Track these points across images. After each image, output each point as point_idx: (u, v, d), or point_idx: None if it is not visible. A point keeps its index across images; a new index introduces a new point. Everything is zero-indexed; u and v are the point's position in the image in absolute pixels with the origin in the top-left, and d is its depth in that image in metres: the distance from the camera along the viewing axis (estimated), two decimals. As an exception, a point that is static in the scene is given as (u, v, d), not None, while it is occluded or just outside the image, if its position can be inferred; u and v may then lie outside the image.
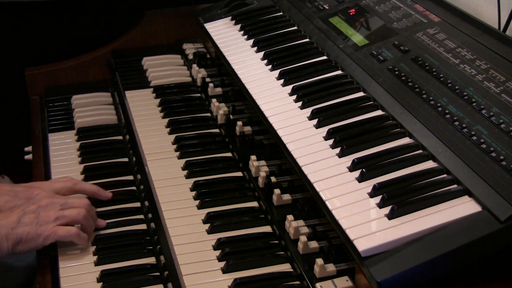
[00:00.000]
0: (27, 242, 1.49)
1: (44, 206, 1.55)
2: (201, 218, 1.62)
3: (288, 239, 1.49)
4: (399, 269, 1.17)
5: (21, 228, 1.49)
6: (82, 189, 1.74)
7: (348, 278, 1.36)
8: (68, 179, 1.74)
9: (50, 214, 1.54)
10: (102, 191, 1.76)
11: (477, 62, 1.54)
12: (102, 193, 1.76)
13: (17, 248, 1.49)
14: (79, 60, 2.38)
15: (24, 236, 1.49)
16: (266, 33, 2.00)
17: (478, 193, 1.25)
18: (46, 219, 1.53)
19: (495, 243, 1.20)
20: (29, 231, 1.49)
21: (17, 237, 1.48)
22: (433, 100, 1.48)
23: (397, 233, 1.22)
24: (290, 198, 1.60)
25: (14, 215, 1.51)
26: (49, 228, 1.51)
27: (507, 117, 1.36)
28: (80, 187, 1.74)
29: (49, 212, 1.54)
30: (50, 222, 1.52)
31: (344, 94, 1.64)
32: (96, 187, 1.76)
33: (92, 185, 1.76)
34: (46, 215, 1.53)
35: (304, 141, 1.51)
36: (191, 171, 1.78)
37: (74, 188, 1.72)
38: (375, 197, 1.31)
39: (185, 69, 2.30)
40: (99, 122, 2.14)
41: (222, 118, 1.95)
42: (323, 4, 2.01)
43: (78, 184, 1.74)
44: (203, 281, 1.43)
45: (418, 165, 1.37)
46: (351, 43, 1.79)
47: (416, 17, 1.78)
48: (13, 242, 1.48)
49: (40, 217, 1.52)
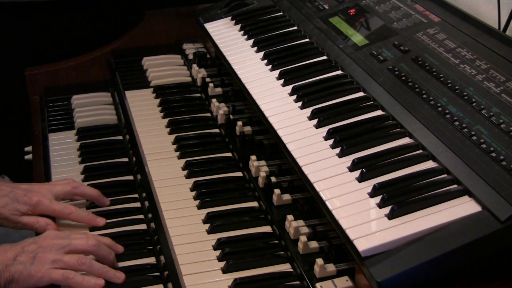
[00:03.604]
0: (19, 282, 1.44)
1: (45, 247, 1.48)
2: (201, 218, 1.62)
3: (288, 239, 1.49)
4: (399, 269, 1.17)
5: (15, 267, 1.44)
6: (82, 193, 1.72)
7: (348, 278, 1.36)
8: (68, 181, 1.72)
9: (48, 256, 1.46)
10: (101, 197, 1.73)
11: (477, 62, 1.54)
12: (101, 199, 1.73)
13: (10, 286, 1.44)
14: (79, 60, 2.38)
15: (17, 276, 1.44)
16: (266, 33, 2.00)
17: (478, 193, 1.25)
18: (42, 260, 1.46)
19: (495, 243, 1.20)
20: (22, 271, 1.44)
21: (10, 275, 1.43)
22: (433, 100, 1.48)
23: (397, 233, 1.22)
24: (290, 198, 1.60)
25: (12, 251, 1.47)
26: (43, 270, 1.44)
27: (507, 117, 1.36)
28: (81, 191, 1.72)
29: (48, 254, 1.47)
30: (46, 264, 1.45)
31: (344, 94, 1.64)
32: (96, 191, 1.73)
33: (92, 189, 1.74)
34: (43, 256, 1.46)
35: (304, 141, 1.51)
36: (191, 171, 1.78)
37: (73, 191, 1.71)
38: (375, 197, 1.31)
39: (185, 69, 2.30)
40: (99, 122, 2.14)
41: (222, 118, 1.95)
42: (323, 4, 2.01)
43: (78, 187, 1.72)
44: (203, 281, 1.43)
45: (418, 165, 1.37)
46: (351, 43, 1.79)
47: (416, 17, 1.78)
48: (5, 280, 1.43)
49: (36, 258, 1.46)
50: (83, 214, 1.68)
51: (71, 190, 1.71)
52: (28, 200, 1.64)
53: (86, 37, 2.46)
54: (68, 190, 1.70)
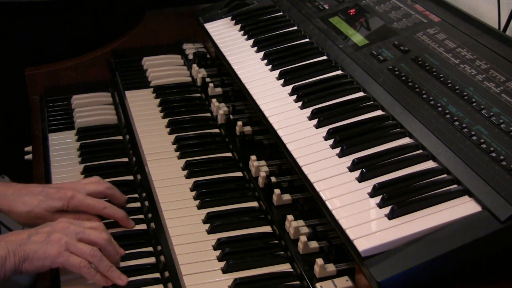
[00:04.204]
0: (33, 260, 1.43)
1: (59, 230, 1.48)
2: (201, 218, 1.62)
3: (288, 239, 1.49)
4: (399, 269, 1.17)
5: (29, 246, 1.43)
6: (113, 194, 1.71)
7: (348, 278, 1.36)
8: (98, 180, 1.71)
9: (62, 238, 1.46)
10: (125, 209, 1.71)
11: (477, 62, 1.54)
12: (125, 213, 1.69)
13: (22, 266, 1.42)
14: (79, 60, 2.38)
15: (32, 254, 1.43)
16: (266, 33, 2.00)
17: (478, 193, 1.25)
18: (57, 240, 1.45)
19: (495, 243, 1.20)
20: (37, 250, 1.43)
21: (24, 254, 1.42)
22: (433, 100, 1.48)
23: (397, 233, 1.22)
24: (290, 198, 1.60)
25: (26, 232, 1.46)
26: (60, 251, 1.44)
27: (507, 117, 1.36)
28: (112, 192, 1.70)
29: (62, 235, 1.46)
30: (60, 245, 1.44)
31: (344, 94, 1.64)
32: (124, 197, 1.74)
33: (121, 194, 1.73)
34: (58, 237, 1.45)
35: (304, 141, 1.51)
36: (191, 171, 1.78)
37: (106, 192, 1.69)
38: (375, 197, 1.31)
39: (185, 69, 2.30)
40: (99, 122, 2.14)
41: (222, 118, 1.95)
42: (323, 4, 2.01)
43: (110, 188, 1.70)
44: (203, 281, 1.43)
45: (418, 165, 1.37)
46: (351, 43, 1.79)
47: (416, 17, 1.78)
48: (19, 259, 1.42)
49: (51, 238, 1.45)
50: (117, 210, 1.67)
51: (104, 191, 1.69)
52: (62, 195, 1.62)
53: (86, 37, 2.46)
54: (101, 190, 1.69)
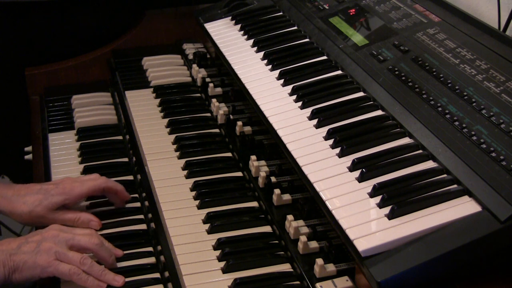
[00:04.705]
0: (23, 271, 1.43)
1: (49, 238, 1.48)
2: (201, 218, 1.62)
3: (288, 239, 1.49)
4: (399, 269, 1.17)
5: (19, 256, 1.43)
6: (112, 186, 1.70)
7: (348, 278, 1.36)
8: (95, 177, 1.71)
9: (52, 247, 1.46)
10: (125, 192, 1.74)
11: (477, 62, 1.54)
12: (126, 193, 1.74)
13: (13, 276, 1.43)
14: (79, 60, 2.38)
15: (21, 265, 1.43)
16: (266, 33, 2.00)
17: (478, 193, 1.25)
18: (46, 249, 1.45)
19: (495, 243, 1.20)
20: (26, 260, 1.43)
21: (14, 264, 1.42)
22: (433, 100, 1.48)
23: (397, 233, 1.22)
24: (290, 198, 1.60)
25: (16, 242, 1.46)
26: (49, 260, 1.44)
27: (507, 117, 1.36)
28: (110, 184, 1.70)
29: (52, 244, 1.46)
30: (50, 254, 1.44)
31: (344, 94, 1.64)
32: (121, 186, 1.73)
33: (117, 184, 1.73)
34: (47, 246, 1.46)
35: (304, 141, 1.51)
36: (191, 171, 1.78)
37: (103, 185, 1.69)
38: (375, 197, 1.31)
39: (185, 69, 2.30)
40: (99, 122, 2.14)
41: (222, 118, 1.95)
42: (323, 4, 2.01)
43: (108, 181, 1.70)
44: (203, 281, 1.43)
45: (418, 165, 1.37)
46: (351, 43, 1.79)
47: (416, 17, 1.78)
48: (9, 269, 1.42)
49: (41, 247, 1.45)
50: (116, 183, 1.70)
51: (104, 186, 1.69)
52: (61, 189, 1.63)
53: (86, 37, 2.46)
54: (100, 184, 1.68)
